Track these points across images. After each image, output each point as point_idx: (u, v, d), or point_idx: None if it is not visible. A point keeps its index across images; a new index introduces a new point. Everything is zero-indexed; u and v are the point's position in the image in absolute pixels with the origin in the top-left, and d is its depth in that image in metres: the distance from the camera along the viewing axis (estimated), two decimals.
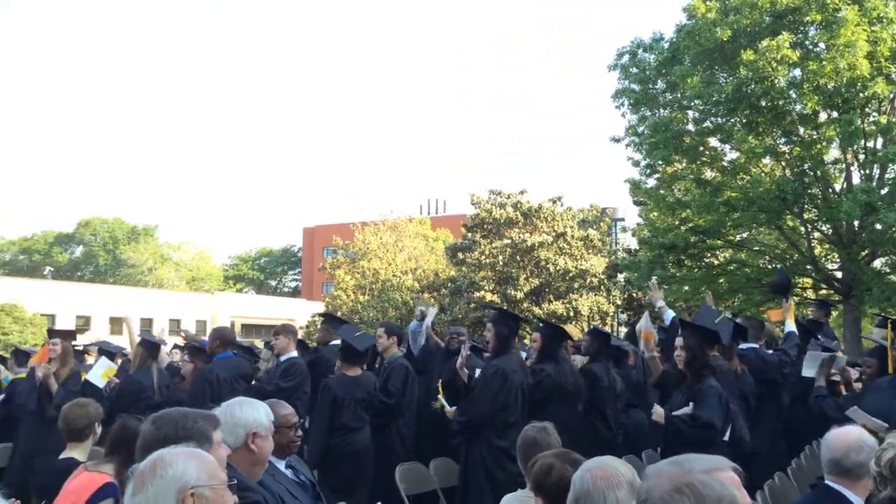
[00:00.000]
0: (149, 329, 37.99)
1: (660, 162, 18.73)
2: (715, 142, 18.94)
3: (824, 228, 18.60)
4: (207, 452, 2.19)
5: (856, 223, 16.95)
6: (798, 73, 16.40)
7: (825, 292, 18.54)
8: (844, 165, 17.91)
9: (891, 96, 16.61)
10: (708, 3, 17.16)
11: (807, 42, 16.91)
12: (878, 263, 18.28)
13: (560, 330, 6.94)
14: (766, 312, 14.59)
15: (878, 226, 16.50)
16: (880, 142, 16.81)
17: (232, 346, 7.33)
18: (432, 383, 7.15)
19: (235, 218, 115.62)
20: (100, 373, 7.14)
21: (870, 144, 16.98)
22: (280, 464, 3.56)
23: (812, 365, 6.12)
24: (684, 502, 1.58)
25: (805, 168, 17.37)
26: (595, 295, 28.73)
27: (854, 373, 6.73)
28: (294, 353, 7.21)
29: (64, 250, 73.70)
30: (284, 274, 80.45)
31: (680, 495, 1.57)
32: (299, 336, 8.41)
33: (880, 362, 5.89)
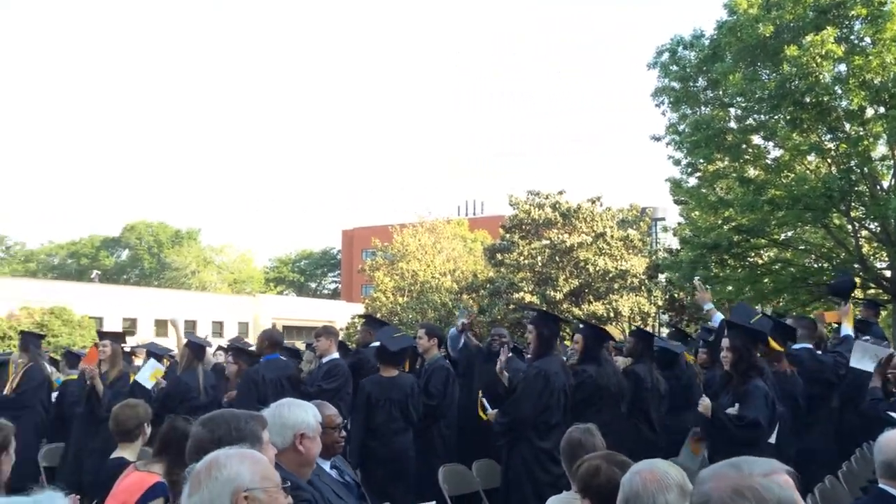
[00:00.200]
0: (192, 331, 38.67)
1: (701, 160, 18.55)
2: (758, 139, 18.68)
3: (872, 226, 18.23)
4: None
5: None
6: (843, 69, 16.09)
7: (873, 291, 18.19)
8: (893, 162, 17.49)
9: None
10: None
11: (852, 37, 16.53)
12: None
13: (602, 331, 6.90)
14: (814, 312, 14.29)
15: None
16: None
17: (280, 348, 7.45)
18: (473, 384, 7.16)
19: (276, 221, 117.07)
20: (148, 374, 7.29)
21: None
22: (325, 464, 3.57)
23: (861, 356, 5.95)
24: None
25: (852, 165, 16.98)
26: (636, 295, 28.50)
27: None
28: (336, 355, 7.28)
29: (110, 254, 75.35)
30: (324, 276, 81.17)
31: (741, 498, 1.59)
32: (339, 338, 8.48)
33: None
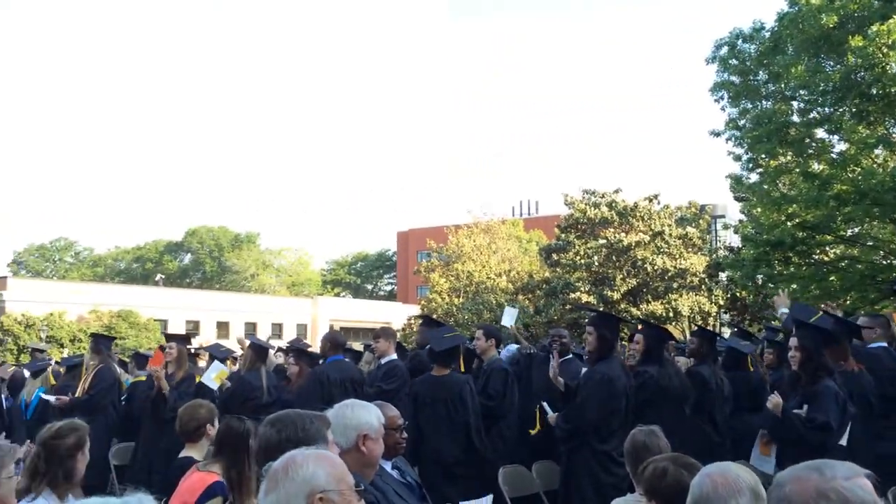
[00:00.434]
0: (253, 332, 39.42)
1: (763, 156, 18.13)
2: (822, 133, 18.14)
3: None
4: None
5: None
6: None
7: None
8: None
9: None
10: None
11: None
12: None
13: (663, 331, 6.79)
14: (884, 311, 13.80)
15: None
16: None
17: (343, 350, 7.54)
18: (531, 386, 7.14)
19: (332, 224, 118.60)
20: (213, 375, 7.46)
21: None
22: (387, 465, 3.59)
23: None
24: None
25: None
26: (696, 295, 27.92)
27: None
28: (394, 356, 7.34)
29: (173, 258, 77.44)
30: (380, 278, 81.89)
31: (826, 501, 1.60)
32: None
33: None
